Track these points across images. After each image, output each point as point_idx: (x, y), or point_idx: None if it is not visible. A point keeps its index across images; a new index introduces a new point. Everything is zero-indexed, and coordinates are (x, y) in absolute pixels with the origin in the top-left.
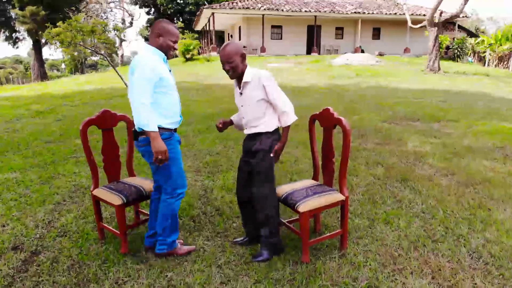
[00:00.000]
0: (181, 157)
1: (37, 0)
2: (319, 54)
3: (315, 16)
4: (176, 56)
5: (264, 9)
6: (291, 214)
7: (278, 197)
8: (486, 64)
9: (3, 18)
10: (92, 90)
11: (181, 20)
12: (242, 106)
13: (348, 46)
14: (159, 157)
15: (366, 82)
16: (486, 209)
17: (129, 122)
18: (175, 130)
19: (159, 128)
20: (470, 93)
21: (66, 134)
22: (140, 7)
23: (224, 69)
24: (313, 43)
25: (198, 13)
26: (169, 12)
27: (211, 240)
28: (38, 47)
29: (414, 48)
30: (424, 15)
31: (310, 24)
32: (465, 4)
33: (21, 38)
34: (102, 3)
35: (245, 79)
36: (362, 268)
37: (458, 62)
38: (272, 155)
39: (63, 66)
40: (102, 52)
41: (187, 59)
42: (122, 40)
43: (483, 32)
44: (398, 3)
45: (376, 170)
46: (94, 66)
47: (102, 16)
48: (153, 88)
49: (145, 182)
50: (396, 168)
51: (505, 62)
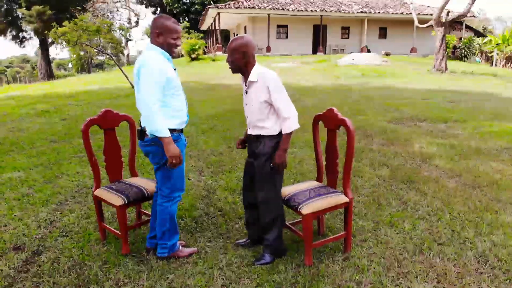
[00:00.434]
0: (184, 160)
1: None
2: (325, 53)
3: (321, 15)
4: (181, 55)
5: (269, 8)
6: (294, 216)
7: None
8: (494, 64)
9: (10, 18)
10: (97, 89)
11: (186, 19)
12: (246, 105)
13: (354, 46)
14: (174, 161)
15: (372, 82)
16: (493, 211)
17: (131, 122)
18: (182, 130)
19: (168, 129)
20: (478, 93)
21: (70, 134)
22: (146, 7)
23: (226, 60)
24: (319, 43)
25: (203, 12)
26: (175, 11)
27: (213, 241)
28: (44, 47)
29: (420, 48)
30: (431, 15)
31: (316, 23)
32: (472, 3)
33: (28, 37)
34: (108, 3)
35: (250, 78)
36: (366, 271)
37: (465, 62)
38: (272, 165)
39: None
40: (108, 51)
41: (193, 59)
42: (128, 39)
43: (491, 31)
44: (404, 3)
45: (381, 171)
46: (100, 66)
47: (108, 15)
48: (162, 91)
49: (147, 183)
50: (401, 169)
51: None
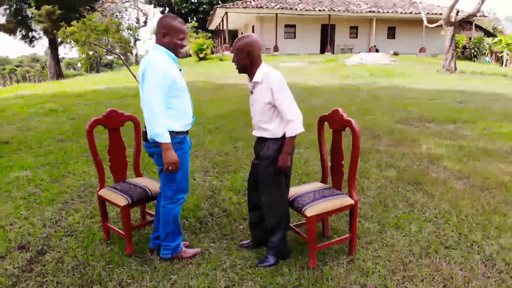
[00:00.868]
0: (189, 162)
1: None
2: (333, 53)
3: (329, 15)
4: (189, 55)
5: (277, 8)
6: (299, 217)
7: None
8: (504, 64)
9: (20, 17)
10: (105, 89)
11: (195, 19)
12: (252, 105)
13: (362, 46)
14: (170, 168)
15: (380, 82)
16: (501, 214)
17: (136, 122)
18: (187, 132)
19: (173, 132)
20: (487, 94)
21: (78, 133)
22: (154, 7)
23: (231, 60)
24: (327, 42)
25: (211, 12)
26: (183, 11)
27: (217, 242)
28: (54, 46)
29: (430, 47)
30: (440, 14)
31: (324, 23)
32: (482, 3)
33: (37, 37)
34: (117, 3)
35: (255, 79)
36: (371, 274)
37: (475, 62)
38: (276, 169)
39: (79, 64)
40: (117, 51)
41: (200, 59)
42: (136, 39)
43: (501, 31)
44: (413, 2)
45: (388, 173)
46: (109, 65)
47: (117, 15)
48: (166, 93)
49: (151, 183)
50: (409, 170)
51: None
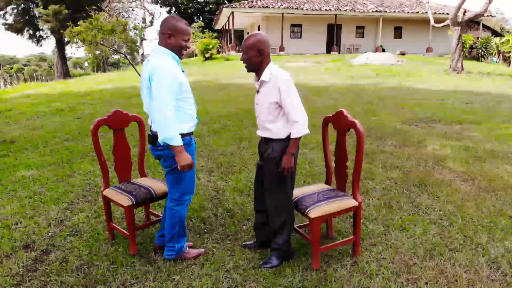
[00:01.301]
0: (195, 162)
1: None
2: (339, 53)
3: (336, 14)
4: (195, 55)
5: (283, 7)
6: (303, 218)
7: None
8: (511, 64)
9: (27, 17)
10: (112, 88)
11: (201, 19)
12: (257, 104)
13: (368, 45)
14: (185, 169)
15: (386, 82)
16: (507, 216)
17: (141, 122)
18: (192, 133)
19: (181, 134)
20: (494, 94)
21: (84, 133)
22: (161, 6)
23: (240, 59)
24: (333, 42)
25: (217, 12)
26: (189, 11)
27: (221, 242)
28: (61, 46)
29: (436, 47)
30: (447, 14)
31: (330, 22)
32: (489, 3)
33: (44, 36)
34: (123, 2)
35: (262, 78)
36: (375, 276)
37: (482, 62)
38: (279, 170)
39: (86, 64)
40: (123, 51)
41: (206, 58)
42: (142, 39)
43: (508, 31)
44: (420, 2)
45: (393, 174)
46: (116, 64)
47: (123, 15)
48: (175, 97)
49: (155, 183)
50: (414, 172)
51: None
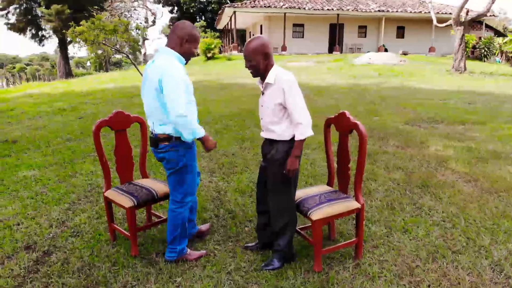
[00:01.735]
0: (196, 164)
1: None
2: (341, 52)
3: (338, 14)
4: (197, 54)
5: (286, 7)
6: (304, 220)
7: None
8: None
9: (29, 16)
10: (114, 88)
11: (203, 18)
12: (261, 106)
13: (371, 45)
14: (211, 149)
15: (389, 82)
16: (510, 218)
17: (142, 123)
18: None
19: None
20: (497, 95)
21: (86, 133)
22: (163, 6)
23: (245, 66)
24: (335, 42)
25: (220, 11)
26: (191, 10)
27: (222, 244)
28: (63, 45)
29: (439, 47)
30: (450, 14)
31: (332, 22)
32: (492, 2)
33: (47, 36)
34: (126, 2)
35: (267, 80)
36: (377, 279)
37: (485, 62)
38: (284, 172)
39: (88, 63)
40: (125, 50)
41: (208, 58)
42: (145, 38)
43: (511, 31)
44: (423, 1)
45: (395, 175)
46: (118, 64)
47: (126, 14)
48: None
49: (157, 184)
50: (416, 173)
51: None
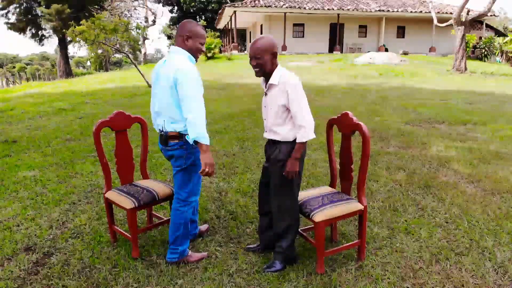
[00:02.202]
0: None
1: None
2: (342, 52)
3: (338, 14)
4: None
5: (286, 7)
6: (307, 222)
7: None
8: None
9: (30, 16)
10: (114, 88)
11: (203, 18)
12: (265, 107)
13: (371, 45)
14: (207, 169)
15: (390, 82)
16: None
17: (143, 123)
18: None
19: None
20: (498, 95)
21: (86, 133)
22: (163, 6)
23: (250, 64)
24: (335, 42)
25: (220, 11)
26: (191, 10)
27: (224, 246)
28: (63, 45)
29: (440, 47)
30: (450, 14)
31: (332, 22)
32: (493, 2)
33: (47, 35)
34: (126, 1)
35: (271, 81)
36: (380, 281)
37: (485, 62)
38: (284, 174)
39: (89, 63)
40: (125, 50)
41: (208, 58)
42: (145, 38)
43: None
44: (423, 1)
45: (397, 176)
46: (118, 64)
47: (126, 14)
48: None
49: (158, 186)
50: (418, 173)
51: None
